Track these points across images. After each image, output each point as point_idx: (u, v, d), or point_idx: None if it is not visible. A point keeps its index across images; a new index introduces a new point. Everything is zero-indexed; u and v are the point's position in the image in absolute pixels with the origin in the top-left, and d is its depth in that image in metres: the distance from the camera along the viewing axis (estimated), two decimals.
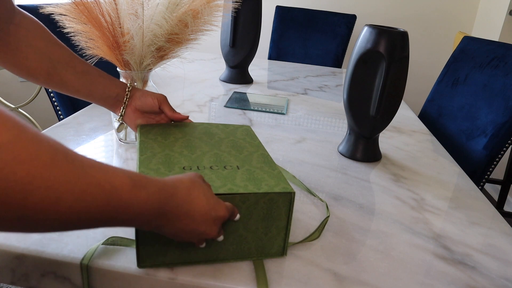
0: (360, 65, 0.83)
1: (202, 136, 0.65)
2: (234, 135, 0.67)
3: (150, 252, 0.49)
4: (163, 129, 0.67)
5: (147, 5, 0.72)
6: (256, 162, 0.58)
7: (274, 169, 0.56)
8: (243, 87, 1.41)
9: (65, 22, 0.71)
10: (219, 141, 0.64)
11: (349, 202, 0.72)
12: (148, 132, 0.65)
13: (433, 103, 1.46)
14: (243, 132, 0.69)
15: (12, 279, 0.52)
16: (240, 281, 0.50)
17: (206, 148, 0.61)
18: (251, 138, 0.67)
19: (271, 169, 0.57)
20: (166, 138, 0.63)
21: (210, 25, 0.77)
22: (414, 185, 0.82)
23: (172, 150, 0.59)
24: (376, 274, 0.54)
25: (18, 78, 2.31)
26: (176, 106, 1.12)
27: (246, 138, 0.67)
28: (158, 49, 0.75)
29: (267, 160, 0.59)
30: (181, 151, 0.59)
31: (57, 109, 1.16)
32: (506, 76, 1.19)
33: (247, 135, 0.68)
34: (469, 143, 1.22)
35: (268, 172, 0.55)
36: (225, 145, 0.63)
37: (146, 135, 0.63)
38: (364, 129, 0.87)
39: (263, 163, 0.58)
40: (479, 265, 0.58)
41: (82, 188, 0.32)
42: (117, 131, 0.79)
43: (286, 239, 0.54)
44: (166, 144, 0.61)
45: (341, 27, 2.21)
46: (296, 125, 1.08)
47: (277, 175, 0.55)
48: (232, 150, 0.61)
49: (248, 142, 0.65)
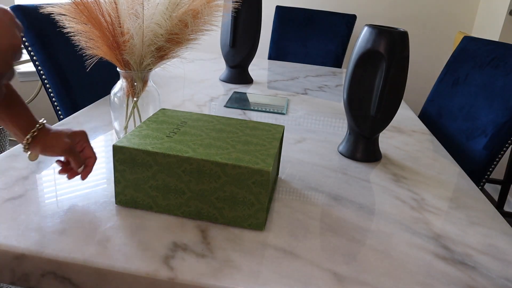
0: (360, 65, 0.83)
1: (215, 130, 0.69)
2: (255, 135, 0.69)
3: (124, 191, 0.61)
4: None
5: (147, 4, 0.72)
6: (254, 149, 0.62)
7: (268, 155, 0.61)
8: (243, 87, 1.41)
9: (65, 22, 0.71)
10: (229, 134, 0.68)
11: (349, 202, 0.72)
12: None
13: (433, 103, 1.46)
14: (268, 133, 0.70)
15: (12, 279, 0.52)
16: (240, 281, 0.50)
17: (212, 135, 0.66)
18: (271, 140, 0.67)
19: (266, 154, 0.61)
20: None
21: (210, 25, 0.77)
22: (414, 185, 0.82)
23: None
24: (376, 274, 0.54)
25: (18, 78, 2.31)
26: (176, 106, 1.12)
27: (266, 139, 0.67)
28: (158, 49, 0.75)
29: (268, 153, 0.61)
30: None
31: (57, 109, 1.16)
32: (506, 76, 1.19)
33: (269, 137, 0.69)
34: (469, 143, 1.22)
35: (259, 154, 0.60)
36: (233, 139, 0.66)
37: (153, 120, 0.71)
38: (364, 129, 0.87)
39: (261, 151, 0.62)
40: (479, 265, 0.58)
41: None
42: (29, 159, 0.64)
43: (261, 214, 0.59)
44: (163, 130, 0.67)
45: (341, 27, 2.21)
46: (296, 125, 1.08)
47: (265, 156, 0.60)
48: (237, 144, 0.64)
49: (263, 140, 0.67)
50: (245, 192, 0.58)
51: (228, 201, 0.59)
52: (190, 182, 0.58)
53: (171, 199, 0.60)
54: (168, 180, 0.59)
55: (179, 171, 0.58)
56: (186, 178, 0.58)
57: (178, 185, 0.59)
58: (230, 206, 0.59)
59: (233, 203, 0.59)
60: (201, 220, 0.61)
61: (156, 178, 0.59)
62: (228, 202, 0.59)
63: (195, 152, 0.58)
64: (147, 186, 0.60)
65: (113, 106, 0.81)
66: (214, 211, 0.60)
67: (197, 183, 0.58)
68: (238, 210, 0.59)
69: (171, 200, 0.60)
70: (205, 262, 0.53)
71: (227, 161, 0.57)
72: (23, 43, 1.07)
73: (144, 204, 0.61)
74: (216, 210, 0.60)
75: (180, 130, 0.66)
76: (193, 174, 0.58)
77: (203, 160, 0.57)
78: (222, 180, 0.57)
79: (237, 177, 0.57)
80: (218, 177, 0.57)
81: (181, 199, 0.60)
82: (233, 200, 0.58)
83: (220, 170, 0.57)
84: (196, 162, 0.57)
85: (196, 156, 0.57)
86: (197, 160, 0.57)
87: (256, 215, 0.59)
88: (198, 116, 0.74)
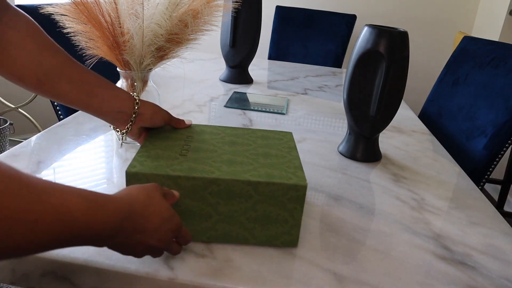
0: (360, 65, 0.83)
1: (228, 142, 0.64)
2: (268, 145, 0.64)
3: None
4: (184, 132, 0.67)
5: (147, 4, 0.72)
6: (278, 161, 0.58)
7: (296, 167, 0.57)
8: (243, 87, 1.41)
9: (65, 22, 0.71)
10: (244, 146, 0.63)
11: (349, 202, 0.72)
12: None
13: (433, 103, 1.46)
14: (280, 142, 0.66)
15: (12, 279, 0.52)
16: (240, 281, 0.50)
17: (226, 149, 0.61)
18: (289, 149, 0.63)
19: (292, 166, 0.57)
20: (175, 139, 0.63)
21: (210, 25, 0.77)
22: (414, 185, 0.82)
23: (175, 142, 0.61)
24: (376, 274, 0.54)
25: None
26: (176, 106, 1.12)
27: (283, 149, 0.63)
28: (158, 49, 0.75)
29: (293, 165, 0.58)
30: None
31: (57, 109, 1.16)
32: (506, 76, 1.19)
33: (285, 146, 0.65)
34: (469, 143, 1.22)
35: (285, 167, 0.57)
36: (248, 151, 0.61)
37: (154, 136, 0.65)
38: (364, 129, 0.87)
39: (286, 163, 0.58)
40: (479, 265, 0.58)
41: (36, 217, 0.31)
42: (124, 139, 0.78)
43: (293, 231, 0.56)
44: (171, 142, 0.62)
45: (341, 27, 2.21)
46: (296, 125, 1.08)
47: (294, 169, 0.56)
48: (257, 157, 0.59)
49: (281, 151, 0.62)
50: (279, 209, 0.54)
51: (260, 220, 0.55)
52: (218, 205, 0.53)
53: (195, 225, 0.55)
54: (192, 204, 0.53)
55: (205, 194, 0.53)
56: (213, 201, 0.53)
57: (204, 208, 0.54)
58: (262, 225, 0.55)
59: (266, 222, 0.55)
60: (229, 243, 0.57)
61: (178, 204, 0.53)
62: (260, 221, 0.55)
63: (221, 172, 0.53)
64: None
65: None
66: (245, 232, 0.55)
67: (226, 204, 0.53)
68: (270, 229, 0.55)
69: (195, 225, 0.55)
70: (205, 262, 0.53)
71: (259, 178, 0.52)
72: None
73: None
74: (247, 231, 0.55)
75: (191, 147, 0.60)
76: (222, 195, 0.53)
77: (233, 180, 0.52)
78: (254, 199, 0.53)
79: (271, 195, 0.53)
80: (249, 197, 0.53)
81: (207, 223, 0.55)
82: (265, 219, 0.55)
83: (252, 189, 0.52)
84: (225, 182, 0.52)
85: (224, 176, 0.52)
86: (226, 181, 0.52)
87: (290, 232, 0.56)
88: (201, 128, 0.68)
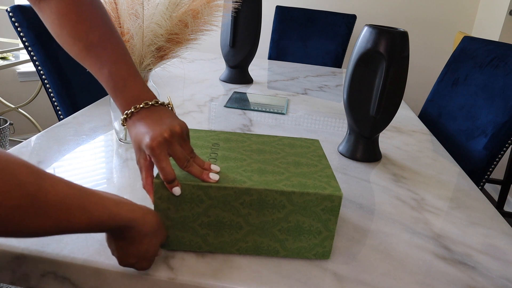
0: (360, 65, 0.83)
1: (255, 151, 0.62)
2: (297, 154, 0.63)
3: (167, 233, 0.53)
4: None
5: (147, 5, 0.72)
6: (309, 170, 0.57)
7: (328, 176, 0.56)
8: (243, 87, 1.41)
9: None
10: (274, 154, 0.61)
11: (349, 202, 0.72)
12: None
13: (433, 103, 1.46)
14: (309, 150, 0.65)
15: (12, 279, 0.52)
16: (240, 281, 0.50)
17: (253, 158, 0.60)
18: (319, 158, 0.62)
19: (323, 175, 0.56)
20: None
21: (210, 25, 0.77)
22: (414, 185, 0.82)
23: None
24: (376, 274, 0.54)
25: (18, 78, 2.32)
26: (176, 106, 1.12)
27: (313, 158, 0.62)
28: (158, 49, 0.75)
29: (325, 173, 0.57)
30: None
31: (57, 109, 1.16)
32: (506, 76, 1.19)
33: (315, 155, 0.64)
34: (469, 143, 1.22)
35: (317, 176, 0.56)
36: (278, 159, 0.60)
37: None
38: (364, 129, 0.87)
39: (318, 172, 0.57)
40: (479, 265, 0.58)
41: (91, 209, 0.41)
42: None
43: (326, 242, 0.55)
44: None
45: (341, 27, 2.21)
46: (296, 125, 1.08)
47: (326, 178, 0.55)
48: (288, 165, 0.58)
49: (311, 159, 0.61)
50: (312, 220, 0.53)
51: (293, 232, 0.53)
52: (249, 215, 0.52)
53: (225, 236, 0.53)
54: (222, 215, 0.52)
55: (236, 204, 0.51)
56: (244, 211, 0.52)
57: (235, 219, 0.52)
58: (294, 237, 0.54)
59: (298, 233, 0.53)
60: (259, 255, 0.55)
61: (208, 214, 0.52)
62: (293, 232, 0.53)
63: (252, 181, 0.52)
64: (197, 224, 0.52)
65: (113, 106, 0.81)
66: (276, 244, 0.54)
67: (257, 215, 0.52)
68: (303, 240, 0.54)
69: (225, 237, 0.53)
70: (205, 262, 0.53)
71: (292, 188, 0.51)
72: (23, 43, 1.07)
73: (192, 245, 0.54)
74: (278, 242, 0.54)
75: (218, 155, 0.58)
76: (253, 206, 0.52)
77: (266, 190, 0.51)
78: (287, 209, 0.52)
79: (305, 205, 0.52)
80: (282, 207, 0.52)
81: (237, 235, 0.53)
82: (298, 230, 0.53)
83: (285, 199, 0.51)
84: (257, 192, 0.51)
85: (257, 186, 0.51)
86: (258, 191, 0.51)
87: (323, 244, 0.54)
88: (226, 136, 0.66)
